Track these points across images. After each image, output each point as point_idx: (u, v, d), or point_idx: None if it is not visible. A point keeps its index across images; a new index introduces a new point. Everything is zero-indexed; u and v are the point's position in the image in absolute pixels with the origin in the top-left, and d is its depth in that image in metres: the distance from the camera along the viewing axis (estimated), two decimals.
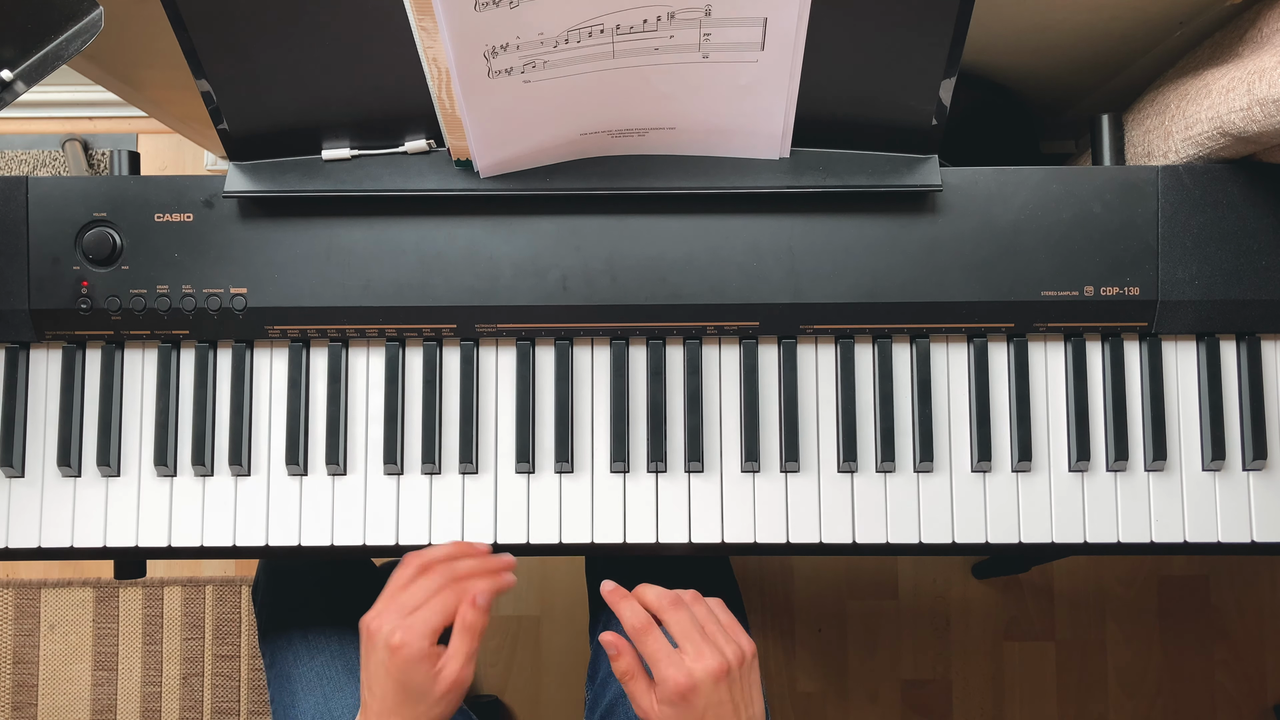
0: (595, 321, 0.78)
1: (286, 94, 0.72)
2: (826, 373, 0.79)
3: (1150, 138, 0.84)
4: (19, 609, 1.50)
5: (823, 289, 0.77)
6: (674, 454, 0.79)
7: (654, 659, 0.70)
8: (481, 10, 0.64)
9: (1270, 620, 1.50)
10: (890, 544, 0.78)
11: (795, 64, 0.69)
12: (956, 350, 0.79)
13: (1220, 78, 0.76)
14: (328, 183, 0.76)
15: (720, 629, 0.71)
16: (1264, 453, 0.78)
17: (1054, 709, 1.49)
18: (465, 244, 0.77)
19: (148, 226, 0.77)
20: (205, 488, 0.79)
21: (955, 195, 0.77)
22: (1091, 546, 0.78)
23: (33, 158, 1.57)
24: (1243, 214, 0.77)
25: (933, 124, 0.74)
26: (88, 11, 0.71)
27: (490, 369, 0.80)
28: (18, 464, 0.79)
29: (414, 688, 0.69)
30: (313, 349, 0.80)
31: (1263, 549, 0.78)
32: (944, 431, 0.79)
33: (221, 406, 0.80)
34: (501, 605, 1.51)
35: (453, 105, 0.71)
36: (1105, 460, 0.78)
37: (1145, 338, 0.79)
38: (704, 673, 0.69)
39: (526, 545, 0.79)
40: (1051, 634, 1.50)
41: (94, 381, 0.80)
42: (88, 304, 0.77)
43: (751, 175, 0.75)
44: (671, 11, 0.65)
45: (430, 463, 0.79)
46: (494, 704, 1.47)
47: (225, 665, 1.49)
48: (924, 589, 1.50)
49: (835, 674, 1.50)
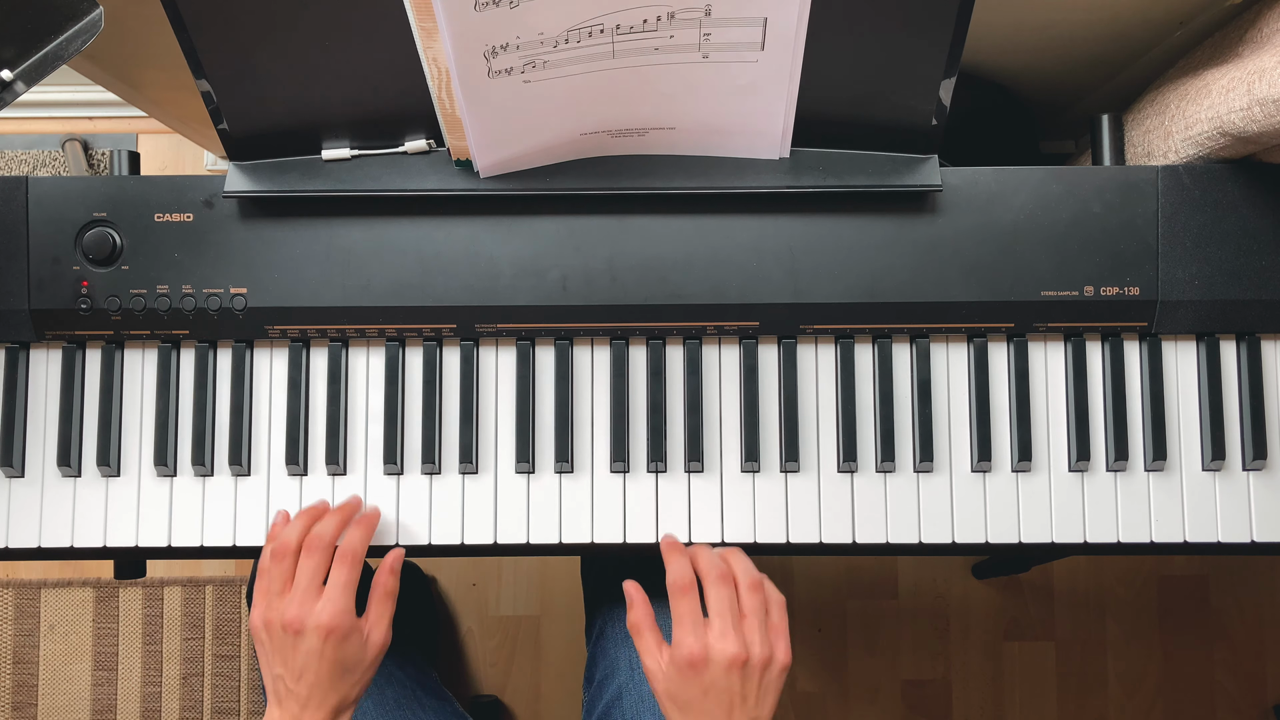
0: (595, 321, 0.78)
1: (286, 94, 0.72)
2: (826, 373, 0.79)
3: (1150, 138, 0.84)
4: (19, 609, 1.50)
5: (823, 289, 0.77)
6: (674, 454, 0.79)
7: (679, 620, 0.70)
8: (481, 10, 0.64)
9: (1270, 620, 1.50)
10: (890, 544, 0.78)
11: (795, 64, 0.69)
12: (956, 350, 0.79)
13: (1220, 78, 0.76)
14: (328, 183, 0.76)
15: (760, 625, 0.70)
16: (1264, 453, 0.78)
17: (1054, 709, 1.49)
18: (465, 244, 0.77)
19: (148, 226, 0.77)
20: (205, 488, 0.79)
21: (955, 195, 0.77)
22: (1091, 546, 0.78)
23: (33, 158, 1.57)
24: (1243, 214, 0.77)
25: (933, 124, 0.74)
26: (88, 11, 0.71)
27: (490, 369, 0.80)
28: (18, 464, 0.79)
29: (349, 662, 0.71)
30: (313, 349, 0.80)
31: (1263, 549, 0.78)
32: (944, 431, 0.79)
33: (221, 406, 0.80)
34: (501, 605, 1.51)
35: (453, 105, 0.71)
36: (1105, 460, 0.78)
37: (1145, 338, 0.79)
38: (720, 654, 0.69)
39: (526, 545, 0.79)
40: (1051, 634, 1.50)
41: (94, 381, 0.80)
42: (88, 304, 0.77)
43: (751, 175, 0.75)
44: (671, 11, 0.65)
45: (430, 463, 0.79)
46: (494, 704, 1.47)
47: (225, 665, 1.49)
48: (924, 589, 1.50)
49: (835, 674, 1.50)
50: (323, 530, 0.73)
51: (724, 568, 0.72)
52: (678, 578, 0.71)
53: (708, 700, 0.69)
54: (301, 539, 0.73)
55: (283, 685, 0.71)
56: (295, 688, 0.70)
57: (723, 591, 0.71)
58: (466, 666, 1.50)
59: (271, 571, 0.73)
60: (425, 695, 0.94)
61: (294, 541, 0.73)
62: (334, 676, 0.71)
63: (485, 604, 1.51)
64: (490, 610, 1.51)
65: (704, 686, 0.69)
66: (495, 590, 1.51)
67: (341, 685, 0.71)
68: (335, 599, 0.71)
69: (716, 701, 0.69)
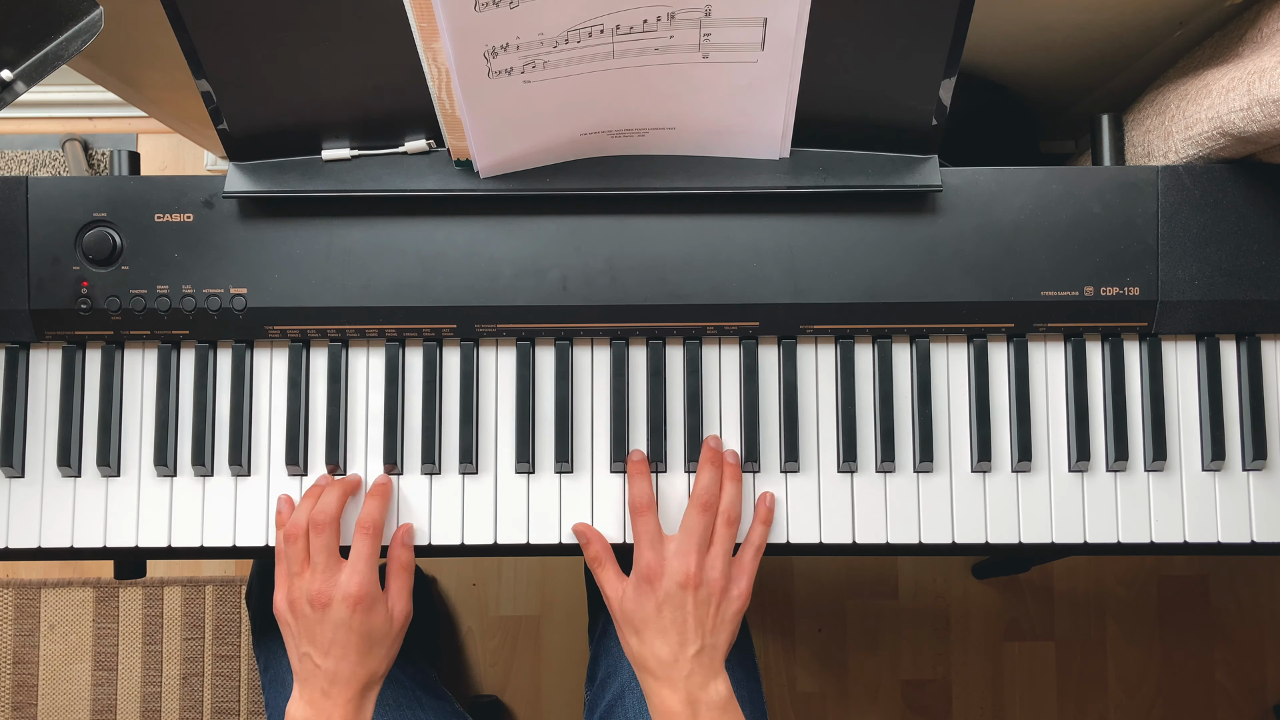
0: (595, 321, 0.78)
1: (286, 94, 0.72)
2: (826, 373, 0.79)
3: (1150, 138, 0.84)
4: (19, 609, 1.50)
5: (823, 289, 0.77)
6: (674, 454, 0.79)
7: (638, 539, 0.73)
8: (481, 10, 0.64)
9: (1270, 620, 1.50)
10: (890, 544, 0.78)
11: (795, 64, 0.69)
12: (956, 350, 0.79)
13: (1220, 78, 0.76)
14: (328, 183, 0.76)
15: (724, 555, 0.72)
16: (1264, 453, 0.78)
17: (1054, 709, 1.49)
18: (465, 244, 0.77)
19: (148, 226, 0.77)
20: (205, 488, 0.79)
21: (955, 195, 0.77)
22: (1091, 546, 0.78)
23: (33, 158, 1.57)
24: (1243, 214, 0.77)
25: (933, 124, 0.74)
26: (88, 11, 0.71)
27: (490, 369, 0.80)
28: (18, 464, 0.79)
29: (377, 633, 0.72)
30: (313, 349, 0.80)
31: (1263, 549, 0.78)
32: (944, 431, 0.79)
33: (221, 407, 0.80)
34: (502, 605, 1.51)
35: (453, 105, 0.71)
36: (1105, 460, 0.78)
37: (1145, 338, 0.79)
38: (675, 569, 0.71)
39: (526, 545, 0.79)
40: (1051, 634, 1.50)
41: (94, 382, 0.80)
42: (88, 304, 0.77)
43: (751, 175, 0.75)
44: (671, 11, 0.65)
45: (430, 463, 0.79)
46: (494, 704, 1.47)
47: (225, 665, 1.49)
48: (924, 589, 1.50)
49: (835, 674, 1.50)
50: (326, 505, 0.73)
51: (711, 496, 0.74)
52: (636, 498, 0.74)
53: (661, 617, 0.70)
54: (309, 519, 0.73)
55: (310, 663, 0.71)
56: (323, 662, 0.70)
57: (699, 517, 0.73)
58: (466, 666, 1.50)
59: (288, 554, 0.73)
60: (425, 695, 0.94)
61: (304, 523, 0.74)
62: (362, 648, 0.71)
63: (485, 604, 1.51)
64: (490, 610, 1.51)
65: (658, 602, 0.70)
66: (495, 590, 1.51)
67: (370, 659, 0.71)
68: (360, 569, 0.71)
69: (671, 620, 0.70)
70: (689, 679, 0.69)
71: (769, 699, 1.46)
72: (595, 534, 0.75)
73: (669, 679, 0.70)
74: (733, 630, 0.72)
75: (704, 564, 0.71)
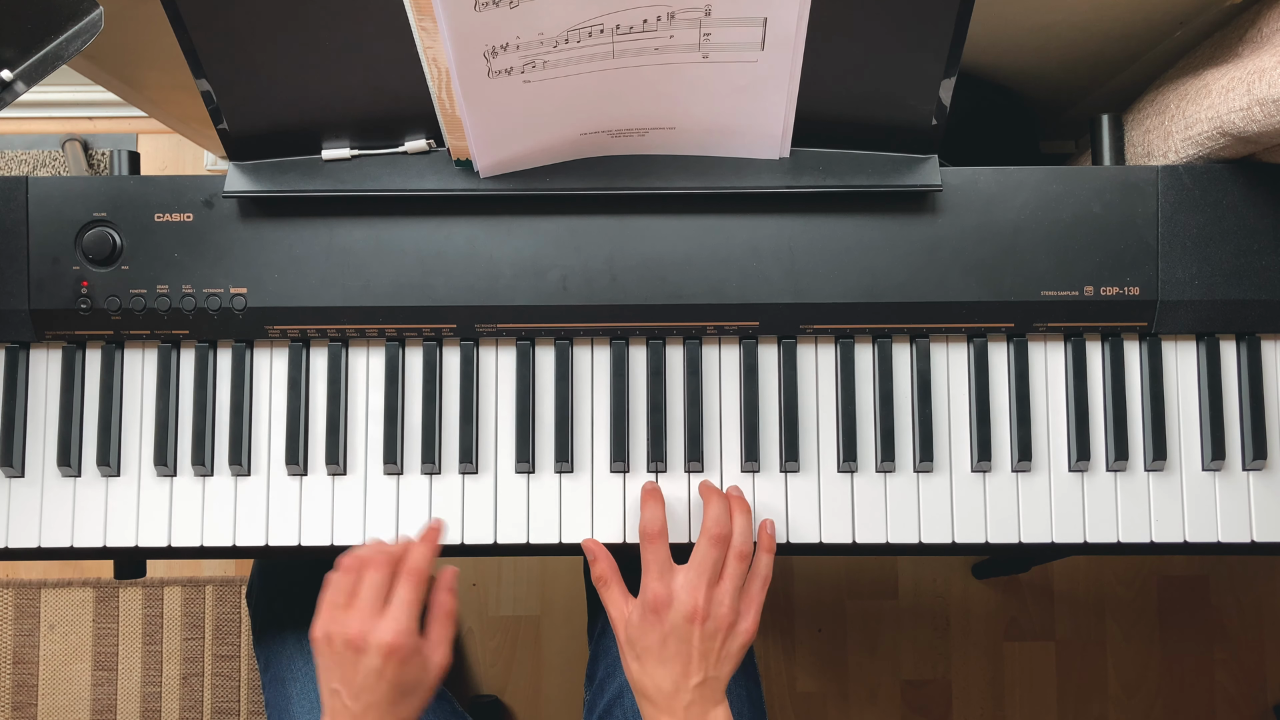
0: (595, 321, 0.78)
1: (286, 94, 0.72)
2: (826, 373, 0.79)
3: (1150, 138, 0.84)
4: (19, 609, 1.50)
5: (823, 289, 0.77)
6: (674, 454, 0.79)
7: (647, 567, 0.71)
8: (481, 10, 0.64)
9: (1270, 620, 1.50)
10: (890, 544, 0.78)
11: (795, 64, 0.69)
12: (956, 350, 0.79)
13: (1220, 78, 0.76)
14: (328, 183, 0.76)
15: (734, 590, 0.71)
16: (1264, 453, 0.78)
17: (1054, 709, 1.49)
18: (465, 244, 0.77)
19: (148, 226, 0.77)
20: (205, 488, 0.79)
21: (955, 195, 0.77)
22: (1091, 546, 0.78)
23: (33, 158, 1.57)
24: (1243, 214, 0.77)
25: (933, 124, 0.74)
26: (88, 11, 0.71)
27: (490, 369, 0.80)
28: (18, 464, 0.79)
29: (409, 684, 0.69)
30: (313, 349, 0.80)
31: (1263, 549, 0.78)
32: (944, 431, 0.79)
33: (221, 406, 0.80)
34: (502, 605, 1.51)
35: (453, 105, 0.71)
36: (1105, 460, 0.78)
37: (1145, 338, 0.79)
38: (683, 602, 0.69)
39: (526, 545, 0.79)
40: (1051, 634, 1.50)
41: (94, 381, 0.80)
42: (88, 304, 0.77)
43: (751, 175, 0.75)
44: (671, 11, 0.65)
45: (430, 463, 0.79)
46: (494, 704, 1.47)
47: (225, 665, 1.49)
48: (924, 589, 1.50)
49: (835, 674, 1.50)
50: (391, 549, 0.71)
51: (723, 529, 0.72)
52: (647, 524, 0.72)
53: (665, 649, 0.69)
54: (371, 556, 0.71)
55: (339, 701, 0.68)
56: (351, 705, 0.68)
57: (711, 550, 0.71)
58: (467, 666, 1.50)
59: (339, 584, 0.70)
60: None
61: (364, 556, 0.71)
62: (392, 699, 0.68)
63: (485, 604, 1.51)
64: (490, 610, 1.51)
65: (663, 634, 0.69)
66: (495, 590, 1.51)
67: (400, 708, 0.68)
68: (399, 617, 0.68)
69: (675, 652, 0.69)
70: (688, 709, 0.68)
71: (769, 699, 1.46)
72: (603, 552, 0.74)
73: (669, 708, 0.69)
74: (737, 662, 0.71)
75: (712, 598, 0.70)
